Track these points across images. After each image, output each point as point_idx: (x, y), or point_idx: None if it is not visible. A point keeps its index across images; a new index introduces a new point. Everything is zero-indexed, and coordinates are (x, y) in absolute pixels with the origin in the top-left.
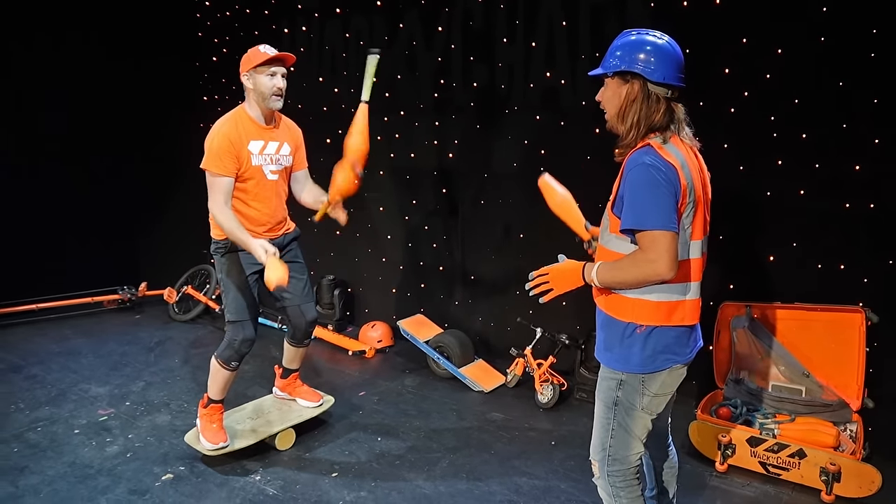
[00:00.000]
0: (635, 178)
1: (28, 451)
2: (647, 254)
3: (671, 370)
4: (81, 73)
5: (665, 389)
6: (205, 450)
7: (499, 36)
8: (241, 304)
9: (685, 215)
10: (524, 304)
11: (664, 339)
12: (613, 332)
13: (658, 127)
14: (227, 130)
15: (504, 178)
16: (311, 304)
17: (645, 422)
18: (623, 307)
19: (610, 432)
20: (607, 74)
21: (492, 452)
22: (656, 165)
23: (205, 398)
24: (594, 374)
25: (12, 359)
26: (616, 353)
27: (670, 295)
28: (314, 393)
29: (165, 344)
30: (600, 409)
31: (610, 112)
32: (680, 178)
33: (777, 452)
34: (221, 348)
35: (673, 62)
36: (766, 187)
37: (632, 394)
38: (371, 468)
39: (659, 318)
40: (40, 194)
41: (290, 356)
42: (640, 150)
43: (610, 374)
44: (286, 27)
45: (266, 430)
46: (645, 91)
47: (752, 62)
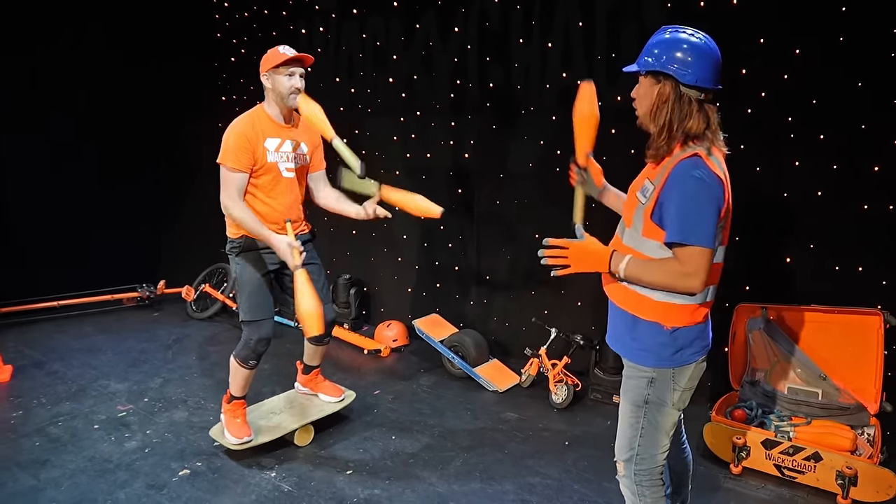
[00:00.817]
0: (686, 192)
1: (49, 445)
2: (683, 266)
3: (697, 363)
4: (102, 74)
5: (692, 382)
6: (229, 444)
7: (515, 36)
8: (255, 303)
9: (720, 226)
10: (539, 305)
11: (690, 334)
12: (639, 330)
13: (695, 134)
14: (244, 127)
15: (520, 179)
16: (329, 304)
17: (674, 418)
18: (647, 308)
19: (639, 431)
20: (640, 72)
21: (505, 452)
22: (706, 181)
23: (227, 394)
24: (609, 375)
25: (35, 355)
26: (644, 350)
27: (696, 299)
28: (336, 388)
29: (183, 341)
30: (628, 409)
31: (642, 110)
32: (725, 192)
33: (792, 455)
34: (239, 348)
35: (709, 63)
36: (783, 188)
37: (663, 390)
38: (385, 466)
39: (684, 319)
40: (62, 194)
41: (311, 353)
42: (689, 160)
43: (639, 371)
44: (303, 28)
45: (288, 426)
46: (677, 93)
47: (769, 62)
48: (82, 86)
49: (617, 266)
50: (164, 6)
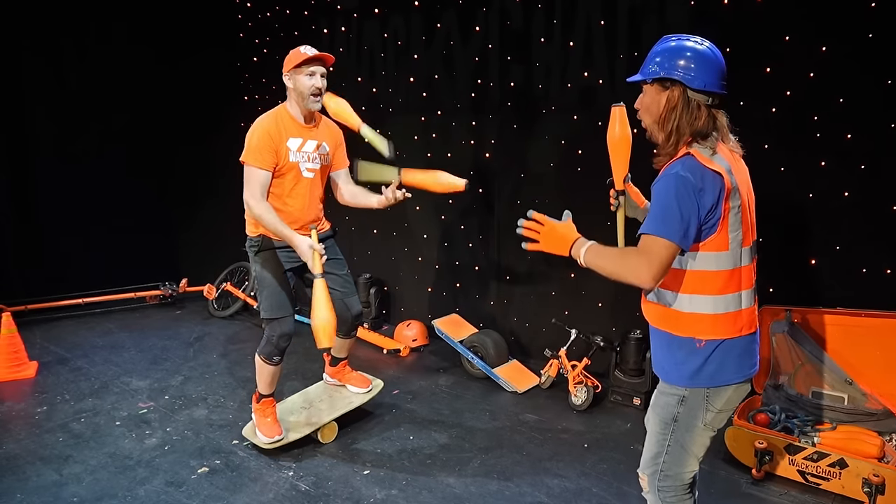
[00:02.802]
0: (660, 187)
1: (72, 441)
2: (639, 255)
3: (737, 386)
4: (126, 73)
5: (730, 405)
6: (262, 443)
7: (536, 35)
8: (276, 301)
9: (733, 220)
10: (559, 305)
11: (731, 352)
12: (672, 348)
13: (701, 134)
14: (268, 125)
15: (541, 178)
16: (355, 297)
17: (705, 439)
18: (679, 322)
19: (665, 448)
20: (646, 81)
21: (524, 453)
22: (688, 177)
23: (256, 394)
24: (629, 377)
25: (59, 351)
26: (677, 368)
27: (727, 306)
28: (364, 378)
29: (204, 339)
30: (656, 425)
31: (648, 120)
32: (725, 182)
33: (817, 461)
34: (262, 345)
35: (714, 69)
36: (808, 189)
37: (694, 410)
38: (403, 466)
39: (720, 330)
40: (87, 192)
41: (338, 346)
42: (681, 159)
43: (670, 389)
44: (325, 27)
45: (318, 421)
46: (685, 98)
47: (794, 60)
48: (107, 85)
49: (577, 251)
50: (187, 6)
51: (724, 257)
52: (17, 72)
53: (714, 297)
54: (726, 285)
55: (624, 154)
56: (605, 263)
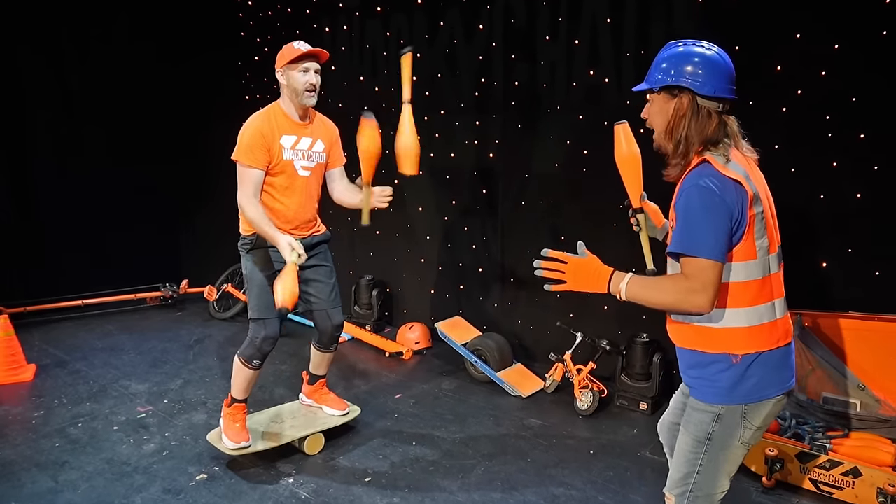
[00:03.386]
0: (689, 200)
1: (69, 447)
2: (690, 282)
3: (777, 400)
4: (126, 74)
5: (768, 420)
6: (226, 449)
7: (541, 33)
8: (264, 301)
9: (758, 227)
10: (565, 308)
11: (768, 365)
12: (706, 365)
13: (711, 141)
14: (259, 123)
15: (545, 179)
16: (337, 308)
17: (739, 457)
18: (713, 339)
19: (697, 468)
20: (653, 90)
21: (528, 460)
22: (710, 188)
23: (228, 397)
24: (635, 382)
25: (58, 354)
26: (713, 385)
27: (761, 317)
28: (340, 402)
29: (204, 342)
30: (687, 443)
31: (658, 129)
32: (746, 190)
33: (829, 470)
34: (244, 346)
35: (723, 74)
36: (819, 190)
37: (731, 428)
38: (405, 474)
39: (756, 343)
40: (87, 193)
41: (317, 361)
42: (697, 168)
43: (704, 406)
44: (327, 26)
45: (291, 435)
46: (694, 106)
47: (805, 58)
48: (107, 85)
49: (617, 286)
50: (188, 5)
51: (752, 266)
52: (16, 72)
53: (747, 309)
54: (758, 295)
55: (635, 172)
56: (652, 295)
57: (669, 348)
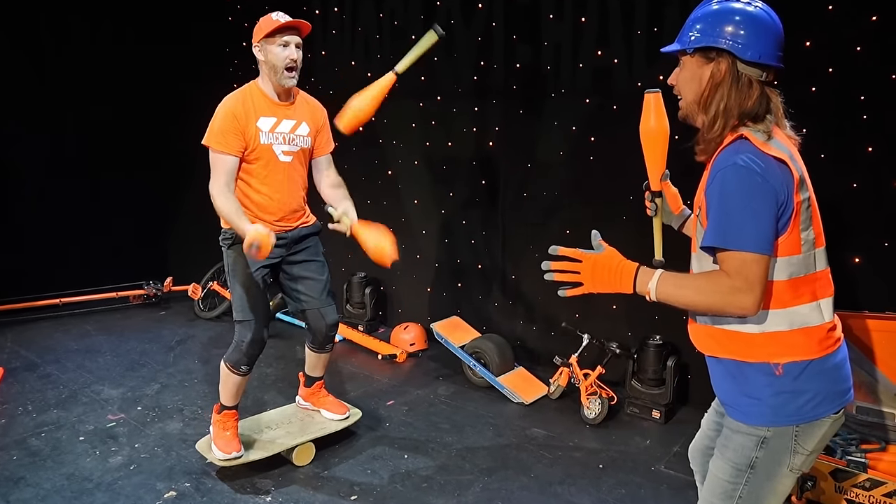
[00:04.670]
0: (724, 183)
1: (27, 460)
2: (732, 280)
3: (833, 419)
4: (108, 62)
5: (823, 443)
6: (216, 459)
7: (545, 11)
8: (247, 302)
9: (804, 217)
10: (570, 308)
11: (820, 376)
12: (745, 379)
13: (752, 115)
14: (233, 105)
15: (549, 169)
16: (331, 306)
17: (787, 487)
18: (749, 346)
19: (734, 501)
20: (686, 51)
21: (531, 475)
22: (751, 166)
23: (217, 405)
24: (647, 388)
25: (29, 356)
26: (756, 404)
27: (805, 319)
28: (340, 405)
29: (187, 343)
30: (724, 471)
31: (688, 98)
32: (791, 172)
33: (869, 490)
34: (230, 351)
35: (770, 35)
36: (852, 178)
37: (779, 454)
38: (395, 491)
39: (801, 350)
40: (68, 187)
41: (312, 363)
42: (733, 144)
43: (747, 428)
44: (317, 8)
45: (284, 443)
46: (734, 72)
47: (838, 32)
48: (86, 79)
49: (645, 285)
50: None
51: (796, 262)
52: None
53: (788, 310)
54: (801, 294)
55: (661, 149)
56: (688, 296)
57: (684, 351)
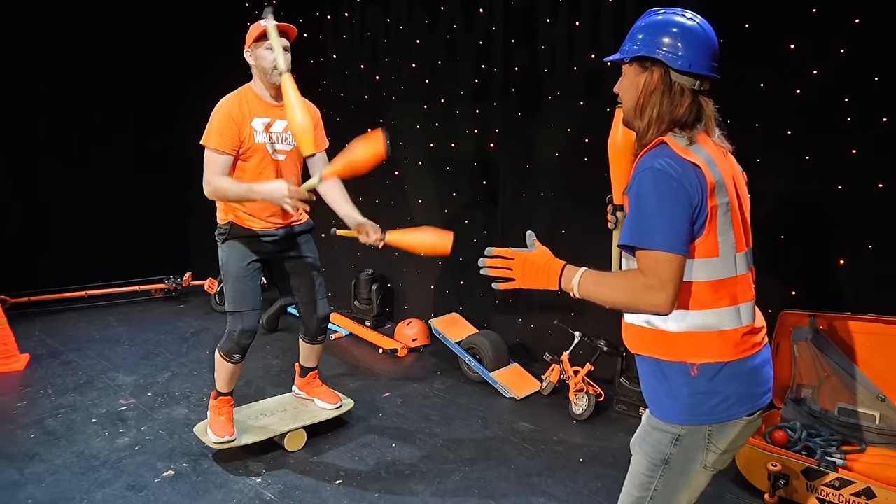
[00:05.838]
0: (641, 185)
1: (43, 438)
2: (646, 278)
3: (748, 421)
4: (130, 62)
5: (737, 443)
6: (210, 442)
7: (542, 15)
8: (240, 293)
9: (721, 221)
10: (565, 306)
11: (735, 378)
12: (664, 376)
13: (681, 123)
14: (229, 107)
15: (546, 169)
16: (323, 299)
17: (701, 482)
18: (669, 344)
19: (650, 493)
20: (624, 60)
21: (511, 467)
22: (666, 170)
23: (214, 391)
24: (635, 386)
25: (54, 344)
26: (673, 401)
27: (721, 322)
28: (333, 394)
29: (201, 335)
30: (642, 465)
31: (627, 104)
32: (706, 176)
33: (839, 489)
34: (223, 340)
35: (704, 47)
36: (836, 180)
37: (692, 451)
38: (378, 477)
39: (716, 352)
40: (94, 184)
41: (306, 354)
42: (653, 150)
43: (663, 425)
44: (329, 14)
45: (276, 429)
46: (666, 81)
47: (823, 35)
48: (111, 74)
49: (569, 283)
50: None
51: (714, 265)
52: (17, 64)
53: (704, 311)
54: (719, 298)
55: (625, 163)
56: (608, 293)
57: None
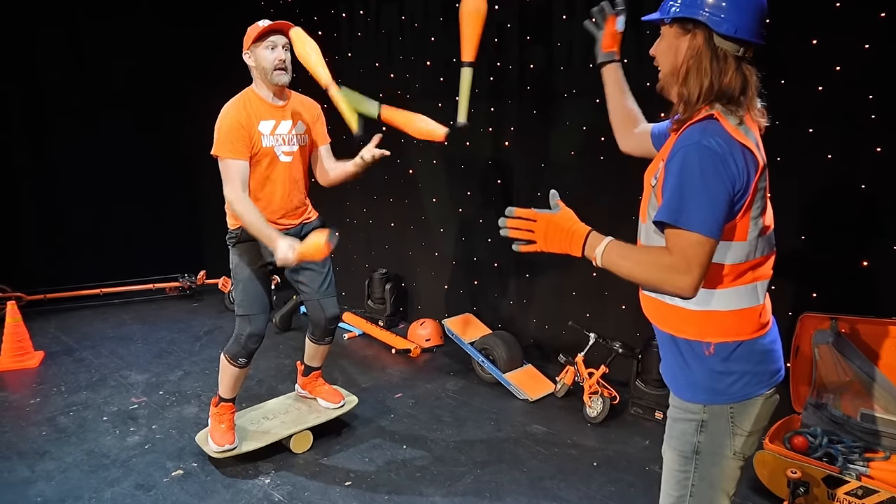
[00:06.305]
0: (686, 161)
1: (54, 436)
2: (674, 258)
3: (766, 397)
4: (151, 57)
5: (759, 423)
6: (211, 451)
7: (557, 12)
8: (249, 296)
9: (758, 205)
10: (581, 306)
11: (751, 356)
12: (683, 355)
13: (727, 93)
14: (235, 113)
15: (561, 168)
16: (332, 299)
17: (735, 470)
18: (687, 322)
19: (689, 490)
20: (664, 21)
21: (523, 470)
22: (714, 149)
23: (216, 397)
24: (651, 388)
25: (69, 341)
26: (691, 382)
27: (740, 300)
28: (336, 393)
29: (214, 333)
30: (674, 461)
31: (665, 69)
32: (757, 160)
33: (862, 498)
34: (229, 343)
35: (751, 10)
36: (860, 179)
37: (718, 436)
38: (388, 479)
39: (734, 331)
40: (110, 181)
41: (311, 353)
42: (701, 123)
43: (686, 413)
44: (344, 11)
45: (279, 433)
46: (710, 46)
47: (847, 29)
48: (130, 70)
49: (593, 250)
50: None
51: (741, 247)
52: (32, 57)
53: (726, 290)
54: (740, 278)
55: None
56: (632, 268)
57: None
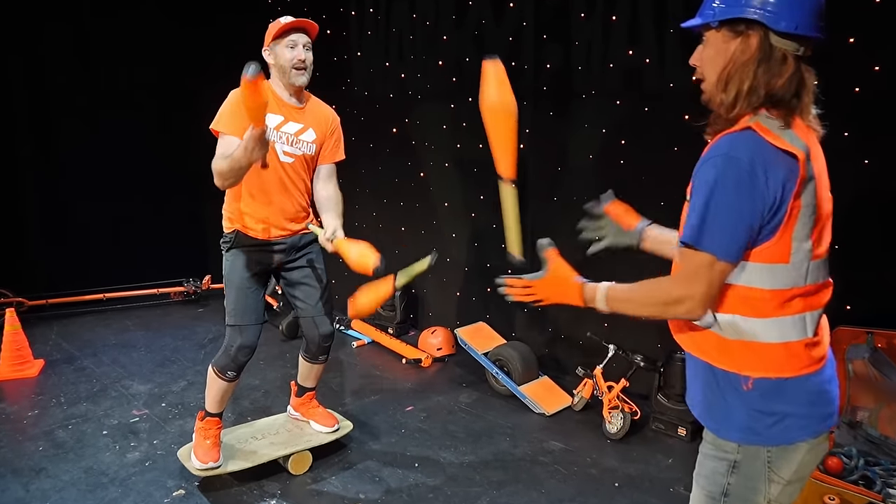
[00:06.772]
0: (708, 174)
1: (52, 452)
2: (673, 281)
3: (812, 444)
4: (156, 62)
5: (802, 472)
6: (193, 469)
7: (575, 10)
8: (241, 306)
9: (802, 223)
10: (598, 316)
11: (797, 396)
12: (717, 385)
13: (779, 98)
14: None
15: (579, 172)
16: (326, 316)
17: None
18: (723, 351)
19: None
20: (710, 25)
21: (542, 491)
22: (743, 162)
23: (202, 411)
24: (674, 403)
25: (70, 349)
26: (727, 416)
27: (783, 333)
28: (330, 416)
29: (218, 341)
30: (699, 499)
31: (710, 78)
32: (800, 170)
33: None
34: (218, 355)
35: (807, 2)
36: None
37: (752, 479)
38: (401, 500)
39: (776, 366)
40: (114, 185)
41: (305, 373)
42: (736, 133)
43: (717, 451)
44: (353, 9)
45: (267, 454)
46: (766, 47)
47: (885, 27)
48: (135, 76)
49: (593, 302)
50: None
51: (781, 271)
52: (39, 65)
53: (765, 320)
54: (783, 307)
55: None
56: (637, 303)
57: None
